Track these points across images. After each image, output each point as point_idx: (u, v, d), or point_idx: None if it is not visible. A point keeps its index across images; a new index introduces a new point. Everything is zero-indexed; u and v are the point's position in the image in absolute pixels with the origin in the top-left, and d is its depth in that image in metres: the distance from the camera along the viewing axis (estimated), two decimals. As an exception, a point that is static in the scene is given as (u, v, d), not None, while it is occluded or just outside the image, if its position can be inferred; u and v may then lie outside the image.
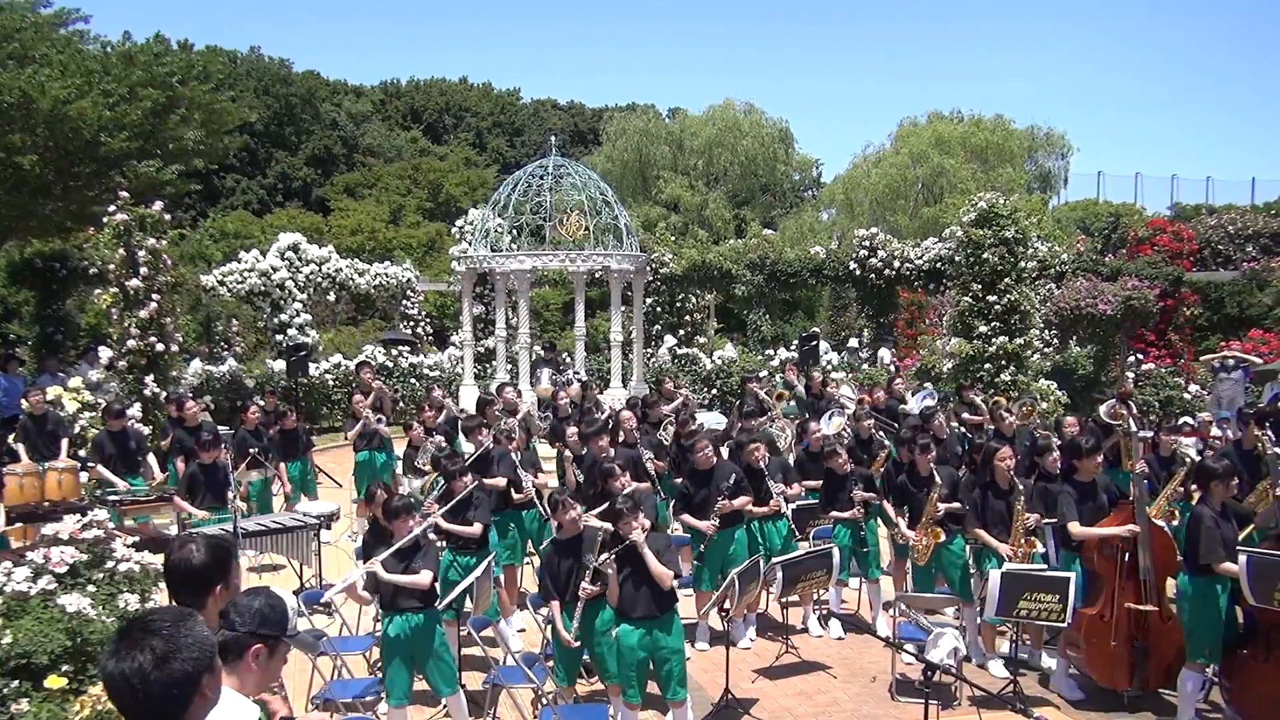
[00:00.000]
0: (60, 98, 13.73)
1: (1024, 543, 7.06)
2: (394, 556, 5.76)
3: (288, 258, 18.93)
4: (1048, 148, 35.59)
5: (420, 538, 5.88)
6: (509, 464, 8.33)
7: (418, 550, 5.82)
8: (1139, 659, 6.53)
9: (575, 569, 5.89)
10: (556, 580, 5.96)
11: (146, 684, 2.12)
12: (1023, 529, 7.08)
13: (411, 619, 5.76)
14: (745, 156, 35.89)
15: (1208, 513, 6.11)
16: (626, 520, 5.70)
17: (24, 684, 4.28)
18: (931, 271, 19.65)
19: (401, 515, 5.85)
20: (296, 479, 11.01)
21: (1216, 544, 5.96)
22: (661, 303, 20.11)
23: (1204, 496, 6.29)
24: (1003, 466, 7.20)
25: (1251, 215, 23.43)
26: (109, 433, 10.15)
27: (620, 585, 5.68)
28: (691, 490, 7.76)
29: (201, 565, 3.12)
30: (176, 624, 2.21)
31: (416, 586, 5.72)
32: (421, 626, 5.78)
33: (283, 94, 44.40)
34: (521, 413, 10.47)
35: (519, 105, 54.39)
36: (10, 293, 20.15)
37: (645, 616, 5.70)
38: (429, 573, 5.76)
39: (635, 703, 5.79)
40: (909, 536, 7.66)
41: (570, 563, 5.94)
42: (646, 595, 5.69)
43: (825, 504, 8.29)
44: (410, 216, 39.11)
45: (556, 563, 6.00)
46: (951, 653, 6.31)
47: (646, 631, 5.70)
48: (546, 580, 6.03)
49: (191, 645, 2.19)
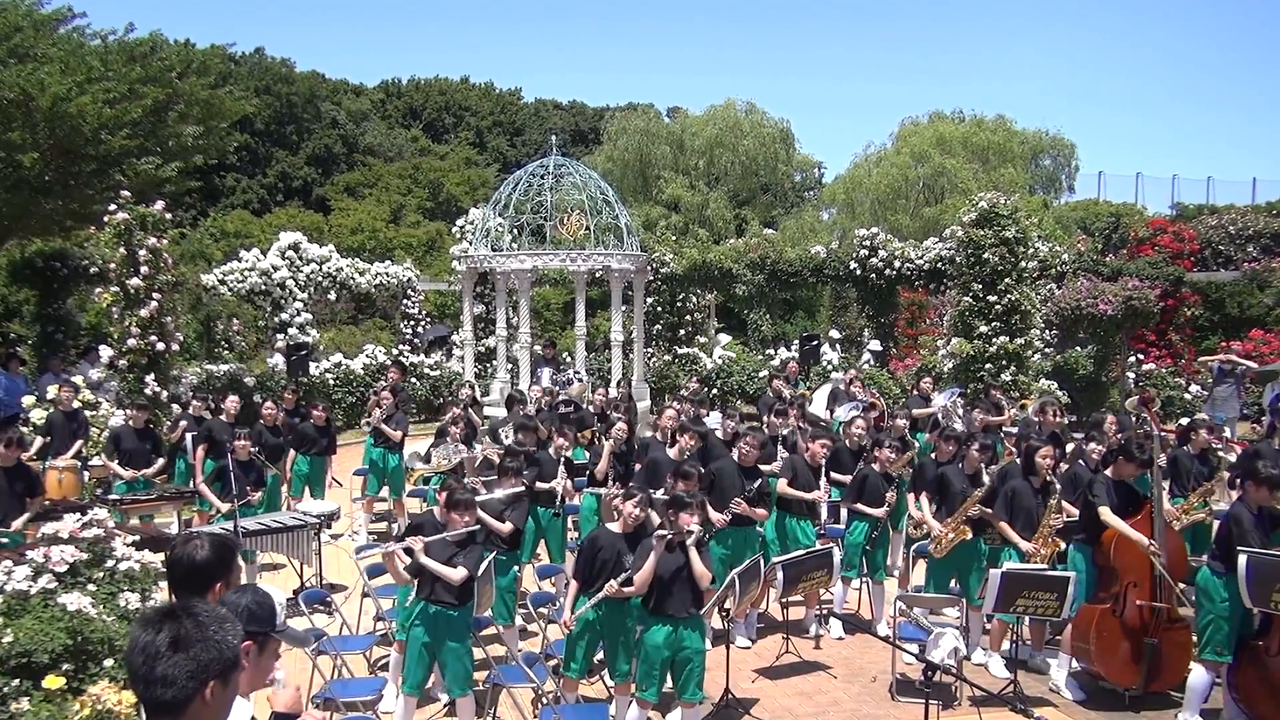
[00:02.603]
0: (60, 95, 13.72)
1: (1050, 542, 7.06)
2: (440, 545, 5.75)
3: (288, 257, 18.93)
4: (1052, 151, 35.56)
5: (474, 535, 5.90)
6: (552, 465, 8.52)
7: (462, 548, 5.81)
8: (1148, 657, 6.53)
9: (612, 562, 5.87)
10: (590, 565, 5.94)
11: (154, 661, 2.13)
12: (1050, 528, 7.08)
13: (445, 612, 5.73)
14: (746, 156, 35.85)
15: (1245, 513, 6.10)
16: (691, 512, 5.77)
17: (24, 683, 4.28)
18: (932, 271, 19.64)
19: (460, 508, 5.85)
20: (307, 475, 10.97)
21: (1248, 544, 5.95)
22: (662, 302, 20.11)
23: (1242, 496, 6.30)
24: (1043, 464, 7.22)
25: (1252, 215, 23.40)
26: (132, 428, 10.15)
27: (657, 579, 5.68)
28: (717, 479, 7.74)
29: (204, 561, 3.13)
30: (213, 621, 2.21)
31: (449, 579, 5.68)
32: (451, 621, 5.75)
33: (283, 93, 44.37)
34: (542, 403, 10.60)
35: (520, 105, 54.35)
36: (11, 291, 20.12)
37: (675, 615, 5.71)
38: (465, 571, 5.72)
39: (652, 700, 5.79)
40: (936, 528, 7.59)
41: (613, 554, 5.90)
42: (681, 593, 5.71)
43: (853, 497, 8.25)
44: (411, 216, 39.09)
45: (598, 549, 5.97)
46: (952, 653, 6.32)
47: (674, 630, 5.71)
48: (584, 561, 6.01)
49: (213, 645, 2.18)
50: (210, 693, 2.17)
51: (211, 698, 2.18)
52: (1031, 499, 7.21)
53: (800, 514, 8.05)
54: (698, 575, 5.71)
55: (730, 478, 7.70)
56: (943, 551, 7.48)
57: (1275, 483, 6.26)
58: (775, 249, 20.85)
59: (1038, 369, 15.85)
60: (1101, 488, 6.83)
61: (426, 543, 5.73)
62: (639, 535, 5.99)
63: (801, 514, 8.06)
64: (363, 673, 6.79)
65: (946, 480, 7.76)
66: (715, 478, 7.72)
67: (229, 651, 2.21)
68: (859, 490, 8.16)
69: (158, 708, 2.16)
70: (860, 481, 8.20)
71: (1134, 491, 6.99)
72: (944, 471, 7.84)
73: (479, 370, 17.99)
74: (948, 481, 7.74)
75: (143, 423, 10.20)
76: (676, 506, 5.88)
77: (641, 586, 5.70)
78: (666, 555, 5.67)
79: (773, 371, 15.99)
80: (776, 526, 8.06)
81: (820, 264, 20.44)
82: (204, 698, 2.16)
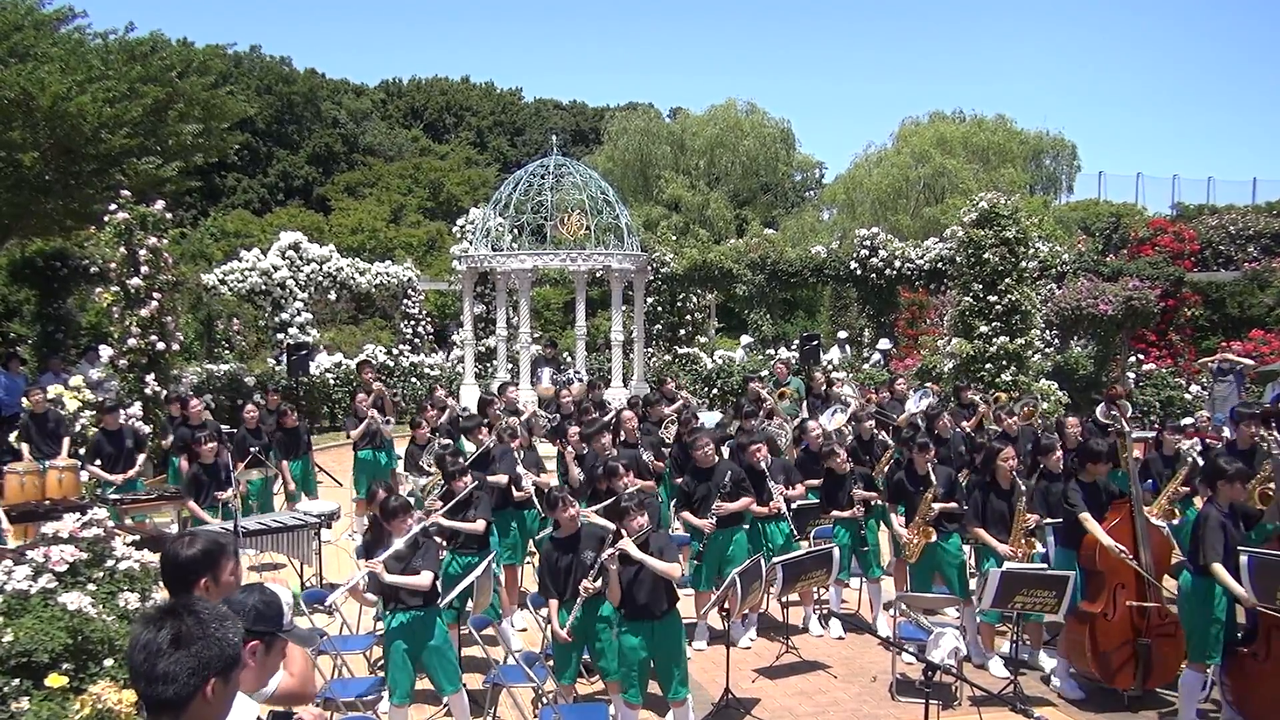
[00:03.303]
0: (60, 94, 13.71)
1: (1024, 543, 7.07)
2: (394, 557, 5.75)
3: (288, 257, 18.93)
4: (1052, 151, 35.55)
5: (419, 537, 5.87)
6: (510, 462, 8.36)
7: (417, 550, 5.81)
8: (1142, 657, 6.53)
9: (574, 566, 5.88)
10: (555, 577, 5.95)
11: (155, 658, 2.14)
12: (1023, 530, 7.09)
13: (413, 616, 5.75)
14: (747, 156, 35.86)
15: (1215, 513, 6.09)
16: (631, 517, 5.71)
17: (24, 682, 4.27)
18: (932, 271, 19.64)
19: (399, 515, 5.84)
20: (298, 478, 11.03)
21: (1217, 545, 5.95)
22: (662, 302, 20.11)
23: (1212, 497, 6.28)
24: (1005, 466, 7.21)
25: (1253, 215, 23.38)
26: (104, 431, 10.20)
27: (622, 584, 5.68)
28: (691, 488, 7.77)
29: (188, 559, 3.16)
30: (214, 619, 2.22)
31: (417, 588, 5.72)
32: (423, 623, 5.77)
33: (284, 92, 44.37)
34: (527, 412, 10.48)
35: (520, 104, 54.34)
36: (11, 291, 20.13)
37: (647, 617, 5.69)
38: (429, 573, 5.76)
39: (636, 702, 5.78)
40: (901, 534, 7.70)
41: (569, 560, 5.92)
42: (648, 594, 5.68)
43: (826, 503, 8.31)
44: (411, 215, 39.08)
45: (555, 560, 5.98)
46: (952, 653, 6.31)
47: (650, 630, 5.70)
48: (545, 577, 6.01)
49: (214, 643, 2.18)
50: (211, 690, 2.18)
51: (213, 695, 2.19)
52: (999, 502, 7.22)
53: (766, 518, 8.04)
54: (662, 573, 5.66)
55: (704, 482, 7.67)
56: (913, 556, 7.54)
57: (1242, 475, 6.26)
58: (775, 249, 20.86)
59: (1038, 369, 15.83)
60: (1076, 494, 6.83)
61: (383, 560, 5.71)
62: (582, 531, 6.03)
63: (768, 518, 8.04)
64: (363, 672, 6.79)
65: (903, 485, 7.82)
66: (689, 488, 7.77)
67: (230, 649, 2.22)
68: (830, 495, 8.24)
69: (159, 705, 2.16)
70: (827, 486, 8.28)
71: (1106, 492, 7.00)
72: (899, 478, 7.91)
73: (479, 370, 17.98)
74: (904, 486, 7.80)
75: (115, 426, 10.20)
76: (619, 515, 5.83)
77: (615, 599, 5.71)
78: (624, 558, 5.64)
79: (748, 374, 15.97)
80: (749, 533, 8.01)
81: (820, 264, 20.44)
82: (205, 695, 2.17)
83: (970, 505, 7.37)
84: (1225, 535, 5.98)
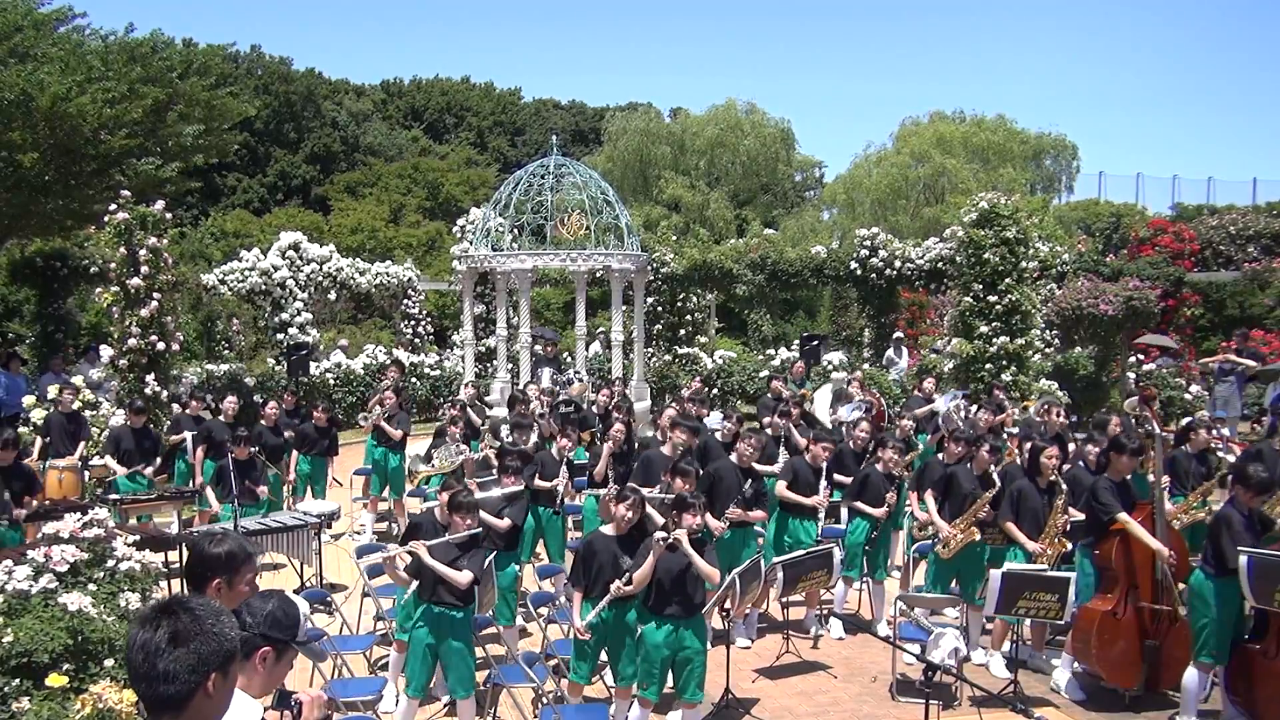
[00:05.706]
0: (60, 94, 13.71)
1: (1056, 543, 7.06)
2: (443, 546, 5.74)
3: (288, 257, 18.92)
4: (1053, 151, 35.55)
5: (476, 538, 5.88)
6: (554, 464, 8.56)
7: (466, 552, 5.80)
8: (1150, 658, 6.53)
9: (610, 567, 5.84)
10: (589, 571, 5.91)
11: (155, 658, 2.14)
12: (1057, 529, 7.08)
13: (449, 614, 5.72)
14: (747, 156, 35.85)
15: (1235, 515, 6.08)
16: (693, 513, 5.77)
17: (25, 682, 4.28)
18: (933, 271, 19.63)
19: (462, 510, 5.84)
20: (309, 475, 10.98)
21: (1241, 545, 5.93)
22: (662, 302, 20.12)
23: (1233, 498, 6.27)
24: (1049, 464, 7.21)
25: (1253, 215, 23.34)
26: (130, 429, 10.24)
27: (658, 580, 5.67)
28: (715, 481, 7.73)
29: (211, 555, 3.20)
30: (209, 614, 2.23)
31: (455, 582, 5.67)
32: (453, 622, 5.74)
33: (283, 92, 44.36)
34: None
35: (520, 105, 54.34)
36: (11, 291, 20.14)
37: (674, 615, 5.70)
38: (470, 574, 5.71)
39: (653, 700, 5.78)
40: (944, 529, 7.57)
41: (609, 559, 5.87)
42: (680, 594, 5.70)
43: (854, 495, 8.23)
44: (411, 216, 39.08)
45: (593, 556, 5.93)
46: (952, 653, 6.32)
47: (674, 630, 5.70)
48: (580, 567, 5.97)
49: (211, 638, 2.19)
50: (212, 685, 2.19)
51: (213, 690, 2.20)
52: (1037, 499, 7.20)
53: (802, 515, 8.05)
54: (704, 575, 5.70)
55: (728, 480, 7.69)
56: (951, 553, 7.46)
57: (1264, 487, 6.24)
58: (775, 249, 20.86)
59: (1038, 369, 15.83)
60: (1107, 492, 6.79)
61: (430, 545, 5.72)
62: (635, 535, 5.96)
63: (803, 515, 8.05)
64: (363, 673, 6.79)
65: (956, 481, 7.74)
66: (714, 480, 7.72)
67: (228, 643, 2.24)
68: (860, 489, 8.14)
69: (160, 704, 2.17)
70: (862, 480, 8.18)
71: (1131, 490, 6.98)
72: (953, 472, 7.82)
73: (479, 370, 17.99)
74: (957, 482, 7.72)
75: (141, 424, 10.30)
76: (680, 507, 5.87)
77: (640, 584, 5.67)
78: (668, 555, 5.65)
79: (773, 372, 15.98)
80: (778, 526, 8.06)
81: (820, 264, 20.44)
82: (206, 690, 2.19)
83: (1006, 499, 7.34)
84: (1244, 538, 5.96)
